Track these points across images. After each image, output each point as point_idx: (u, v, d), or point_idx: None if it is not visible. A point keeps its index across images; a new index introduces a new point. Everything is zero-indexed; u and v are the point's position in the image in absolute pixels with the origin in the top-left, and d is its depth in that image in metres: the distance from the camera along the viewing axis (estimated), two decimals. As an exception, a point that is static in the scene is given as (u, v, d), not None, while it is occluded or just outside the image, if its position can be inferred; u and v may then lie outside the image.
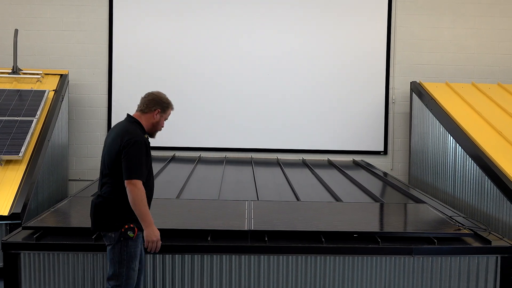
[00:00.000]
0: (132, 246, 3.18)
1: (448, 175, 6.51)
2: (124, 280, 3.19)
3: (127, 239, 3.15)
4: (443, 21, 8.43)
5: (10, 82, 7.36)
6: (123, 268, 3.17)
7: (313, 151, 8.30)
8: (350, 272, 3.80)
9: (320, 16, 8.33)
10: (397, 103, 8.42)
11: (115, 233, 3.15)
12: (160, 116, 3.36)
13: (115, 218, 3.16)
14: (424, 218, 4.53)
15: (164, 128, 3.56)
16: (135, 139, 3.15)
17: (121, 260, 3.16)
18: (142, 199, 3.10)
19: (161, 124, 3.40)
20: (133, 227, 3.15)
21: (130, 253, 3.18)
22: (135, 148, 3.13)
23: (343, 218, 4.37)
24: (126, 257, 3.17)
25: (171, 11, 8.22)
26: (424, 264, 3.82)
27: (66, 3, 8.15)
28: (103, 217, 3.19)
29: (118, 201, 3.16)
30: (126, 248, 3.16)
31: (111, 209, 3.18)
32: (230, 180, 6.15)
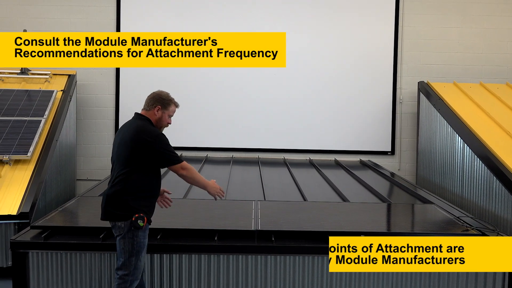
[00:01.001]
0: (142, 237, 3.30)
1: (456, 175, 6.48)
2: (132, 270, 3.30)
3: (137, 228, 3.25)
4: (450, 20, 8.39)
5: (19, 83, 7.41)
6: (132, 257, 3.28)
7: (320, 151, 8.29)
8: (357, 273, 3.79)
9: (327, 16, 8.31)
10: (405, 103, 8.39)
11: (124, 223, 3.26)
12: (162, 112, 3.49)
13: (126, 208, 3.27)
14: (432, 218, 4.51)
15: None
16: (156, 132, 3.38)
17: (131, 249, 3.27)
18: (197, 173, 3.51)
19: (164, 120, 3.52)
20: (143, 216, 3.25)
21: (140, 243, 3.29)
22: (163, 139, 3.38)
23: (350, 219, 4.36)
24: (136, 246, 3.28)
25: (178, 11, 8.24)
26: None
27: (74, 4, 8.20)
28: (115, 207, 3.29)
29: (130, 192, 3.28)
30: (136, 238, 3.27)
31: (123, 199, 3.28)
32: (237, 180, 6.15)
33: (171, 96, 3.57)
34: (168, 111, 3.52)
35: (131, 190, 3.28)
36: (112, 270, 3.74)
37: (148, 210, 3.35)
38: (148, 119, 3.46)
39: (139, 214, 3.25)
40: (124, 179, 3.30)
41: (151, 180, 3.38)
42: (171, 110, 3.55)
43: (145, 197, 3.34)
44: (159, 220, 4.11)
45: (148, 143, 3.30)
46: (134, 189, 3.29)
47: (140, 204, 3.30)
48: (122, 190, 3.28)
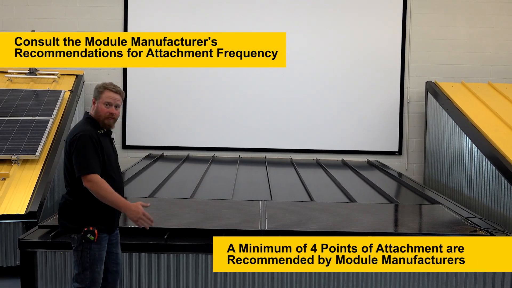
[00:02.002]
0: (96, 249, 3.09)
1: (464, 175, 6.44)
2: (88, 283, 3.10)
3: (90, 242, 3.05)
4: (458, 20, 8.34)
5: (27, 83, 7.45)
6: (87, 271, 3.09)
7: (327, 151, 8.27)
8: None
9: (334, 16, 8.30)
10: (412, 103, 8.35)
11: (77, 235, 3.08)
12: (97, 102, 3.20)
13: (76, 220, 3.08)
14: (440, 219, 4.49)
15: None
16: (78, 134, 3.06)
17: (84, 263, 3.08)
18: (106, 190, 2.99)
19: (101, 111, 3.17)
20: (93, 230, 3.05)
21: (94, 256, 3.09)
22: (79, 143, 3.03)
23: (357, 219, 4.35)
24: (89, 259, 3.08)
25: (185, 11, 8.26)
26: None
27: (81, 4, 8.24)
28: (66, 219, 3.12)
29: (77, 202, 3.09)
30: (89, 251, 3.07)
31: (72, 210, 3.10)
32: (244, 180, 6.16)
33: (110, 83, 3.26)
34: (102, 99, 3.17)
35: (78, 200, 3.08)
36: (122, 270, 3.74)
37: (102, 221, 3.11)
38: (90, 118, 3.22)
39: (88, 227, 3.04)
40: (69, 187, 3.11)
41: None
42: (106, 96, 3.18)
43: (97, 207, 3.07)
44: (166, 220, 4.13)
45: (69, 145, 3.07)
46: (80, 199, 3.07)
47: (90, 213, 3.07)
48: (69, 201, 3.10)
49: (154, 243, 3.74)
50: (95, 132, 3.13)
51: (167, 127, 8.19)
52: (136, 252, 3.74)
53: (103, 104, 3.18)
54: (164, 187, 5.56)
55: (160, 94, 8.16)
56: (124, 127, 8.20)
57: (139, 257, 3.75)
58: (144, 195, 5.01)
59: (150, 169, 6.71)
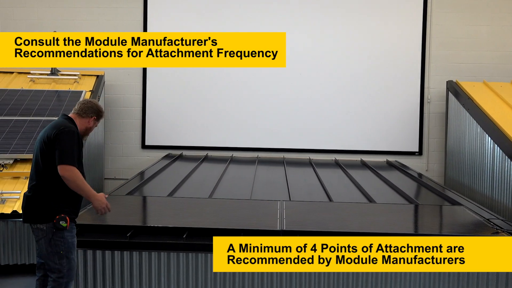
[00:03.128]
0: (69, 237, 3.24)
1: (486, 176, 6.34)
2: (66, 271, 3.23)
3: (61, 229, 3.18)
4: (480, 18, 8.21)
5: (49, 83, 7.57)
6: (63, 260, 3.22)
7: (346, 151, 8.23)
8: (384, 273, 3.75)
9: (354, 14, 8.25)
10: (433, 102, 8.25)
11: (46, 225, 3.19)
12: (94, 123, 3.54)
13: (46, 210, 3.20)
14: (460, 220, 4.43)
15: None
16: (68, 128, 3.28)
17: (59, 251, 3.20)
18: (82, 180, 3.21)
19: (91, 128, 3.56)
20: (64, 217, 3.18)
21: (68, 243, 3.23)
22: (68, 135, 3.24)
23: (376, 220, 4.32)
24: (64, 248, 3.21)
25: (203, 11, 8.29)
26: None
27: (102, 5, 8.34)
28: (34, 209, 3.22)
29: (50, 192, 3.22)
30: (62, 240, 3.21)
31: (42, 201, 3.21)
32: (262, 180, 6.16)
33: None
34: (98, 122, 3.60)
35: (50, 190, 3.22)
36: (140, 268, 3.78)
37: (71, 210, 3.27)
38: (72, 121, 3.41)
39: (60, 215, 3.17)
40: (42, 177, 3.24)
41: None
42: (99, 121, 3.64)
43: (66, 196, 3.24)
44: (185, 219, 4.16)
45: (56, 135, 3.22)
46: (53, 189, 3.22)
47: (61, 203, 3.22)
48: (41, 192, 3.22)
49: (173, 242, 3.77)
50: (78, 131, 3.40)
51: (186, 127, 8.23)
52: (156, 251, 3.77)
53: (94, 126, 3.60)
54: (183, 186, 5.60)
55: (179, 95, 8.21)
56: (144, 127, 8.27)
57: (158, 256, 3.78)
58: (163, 194, 5.05)
59: (169, 168, 6.76)
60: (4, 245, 4.75)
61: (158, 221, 4.12)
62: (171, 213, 4.43)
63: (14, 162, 5.68)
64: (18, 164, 5.67)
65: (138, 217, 4.44)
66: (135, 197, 4.99)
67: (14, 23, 8.35)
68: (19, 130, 6.14)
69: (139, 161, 8.18)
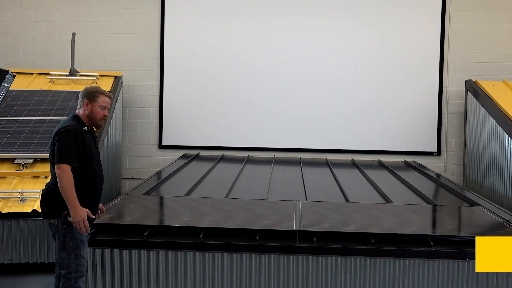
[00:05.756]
0: (77, 233, 3.26)
1: (506, 177, 6.25)
2: (73, 267, 3.27)
3: (70, 225, 3.23)
4: (500, 16, 8.09)
5: (68, 84, 7.67)
6: (70, 256, 3.27)
7: (363, 151, 8.18)
8: (401, 276, 3.72)
9: (371, 13, 8.19)
10: (451, 102, 8.16)
11: (57, 220, 3.27)
12: (91, 105, 3.42)
13: (57, 206, 3.27)
14: (480, 221, 4.37)
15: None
16: (64, 128, 3.29)
17: (68, 247, 3.27)
18: (68, 182, 3.19)
19: (96, 113, 3.43)
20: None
21: (76, 239, 3.27)
22: (63, 135, 3.26)
23: (394, 220, 4.28)
24: (72, 243, 3.26)
25: (220, 12, 8.32)
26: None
27: (120, 7, 8.42)
28: (47, 204, 3.32)
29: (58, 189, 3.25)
30: (70, 235, 3.26)
31: (53, 197, 3.29)
32: (278, 180, 6.15)
33: (100, 87, 3.52)
34: (98, 103, 3.42)
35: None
36: (157, 268, 3.81)
37: (83, 206, 3.27)
38: (76, 116, 3.44)
39: (68, 210, 3.22)
40: (53, 175, 3.32)
41: (82, 176, 3.30)
42: (101, 101, 3.44)
43: (77, 193, 3.24)
44: (201, 219, 4.17)
45: (53, 137, 3.30)
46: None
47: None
48: (53, 189, 3.31)
49: (190, 242, 3.78)
50: (80, 128, 3.36)
51: (202, 127, 8.27)
52: (172, 250, 3.79)
53: (98, 107, 3.44)
54: (200, 186, 5.62)
55: (196, 96, 8.24)
56: (161, 127, 8.33)
57: (175, 255, 3.80)
58: (180, 194, 5.08)
59: (186, 168, 6.79)
60: (24, 243, 4.83)
61: (175, 221, 4.14)
62: (188, 212, 4.45)
63: (34, 161, 5.77)
64: (38, 164, 5.76)
65: (155, 216, 4.47)
66: (152, 197, 5.02)
67: (35, 25, 8.48)
68: (39, 131, 6.24)
69: (156, 161, 8.24)
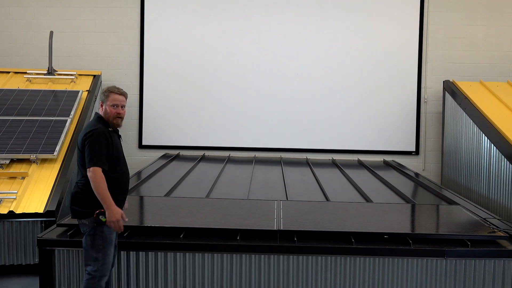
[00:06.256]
0: (107, 232, 3.35)
1: (482, 176, 6.36)
2: (100, 266, 3.34)
3: (101, 224, 3.31)
4: (477, 18, 8.23)
5: (46, 83, 7.55)
6: (99, 253, 3.34)
7: (343, 151, 8.23)
8: (380, 274, 3.76)
9: (350, 14, 8.25)
10: (429, 102, 8.27)
11: (88, 220, 3.33)
12: (105, 105, 3.48)
13: (88, 206, 3.33)
14: (457, 219, 4.44)
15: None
16: (93, 131, 3.36)
17: (97, 245, 3.33)
18: (101, 184, 3.27)
19: (109, 112, 3.47)
20: (104, 212, 3.29)
21: (106, 238, 3.35)
22: (92, 138, 3.33)
23: (374, 219, 4.32)
24: (102, 242, 3.34)
25: (201, 12, 8.29)
26: (457, 267, 3.75)
27: (99, 5, 8.32)
28: (78, 205, 3.37)
29: (90, 189, 3.31)
30: (101, 234, 3.33)
31: (84, 197, 3.35)
32: (259, 179, 6.16)
33: (114, 86, 3.55)
34: (109, 101, 3.46)
35: (89, 187, 3.31)
36: (136, 268, 3.78)
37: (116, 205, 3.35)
38: (101, 118, 3.49)
39: (100, 210, 3.29)
40: (82, 176, 3.38)
41: (111, 177, 3.36)
42: (112, 99, 3.46)
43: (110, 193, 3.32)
44: (182, 219, 4.15)
45: (82, 139, 3.36)
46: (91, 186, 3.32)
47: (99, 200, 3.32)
48: (82, 189, 3.36)
49: (171, 242, 3.76)
50: (106, 129, 3.43)
51: (183, 127, 8.22)
52: (153, 251, 3.77)
53: (110, 106, 3.48)
54: (180, 186, 5.59)
55: (176, 95, 8.20)
56: (141, 127, 8.26)
57: (155, 256, 3.77)
58: (160, 194, 5.05)
59: (166, 168, 6.75)
60: (0, 245, 4.74)
61: (155, 221, 4.11)
62: (168, 213, 4.42)
63: (10, 162, 5.67)
64: (15, 164, 5.66)
65: (135, 217, 4.43)
66: (132, 197, 4.98)
67: (11, 23, 8.33)
68: (16, 130, 6.13)
69: (136, 161, 8.17)
